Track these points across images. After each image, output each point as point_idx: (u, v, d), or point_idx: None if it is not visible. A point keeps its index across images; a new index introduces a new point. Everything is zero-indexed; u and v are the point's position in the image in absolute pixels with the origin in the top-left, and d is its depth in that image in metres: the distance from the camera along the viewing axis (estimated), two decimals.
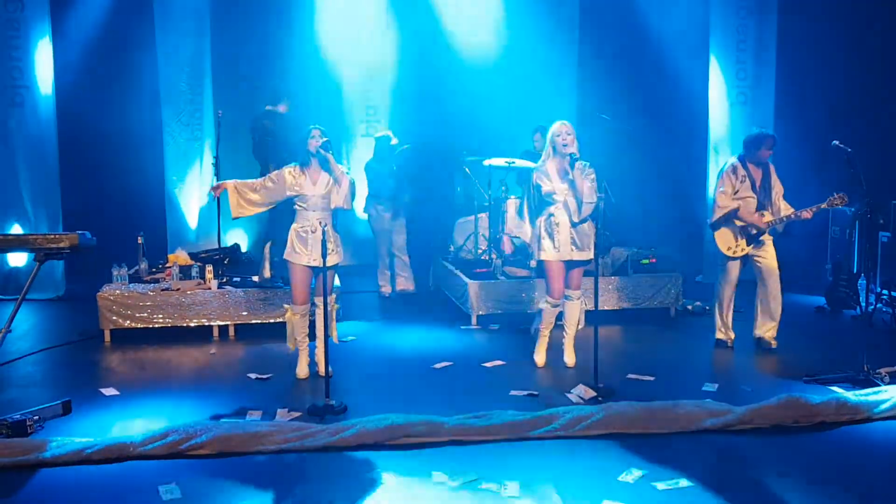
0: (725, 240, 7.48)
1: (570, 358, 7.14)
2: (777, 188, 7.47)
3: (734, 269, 7.56)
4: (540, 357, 7.17)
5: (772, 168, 7.50)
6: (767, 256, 7.47)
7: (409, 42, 12.20)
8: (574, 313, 7.11)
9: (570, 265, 6.95)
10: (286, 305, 6.89)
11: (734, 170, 7.41)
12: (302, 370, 6.88)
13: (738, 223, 7.41)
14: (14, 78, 9.82)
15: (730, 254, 7.47)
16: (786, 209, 7.40)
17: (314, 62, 11.87)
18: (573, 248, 6.86)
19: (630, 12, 12.03)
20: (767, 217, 7.36)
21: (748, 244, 7.43)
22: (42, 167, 10.01)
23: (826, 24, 11.15)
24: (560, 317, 7.13)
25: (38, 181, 9.99)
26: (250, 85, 11.40)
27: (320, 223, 6.50)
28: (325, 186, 6.63)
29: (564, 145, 6.76)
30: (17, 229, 9.84)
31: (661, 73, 12.01)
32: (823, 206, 7.18)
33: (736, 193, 7.36)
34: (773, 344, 7.55)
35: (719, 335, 7.78)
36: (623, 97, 11.74)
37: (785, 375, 6.86)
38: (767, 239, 7.47)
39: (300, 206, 6.68)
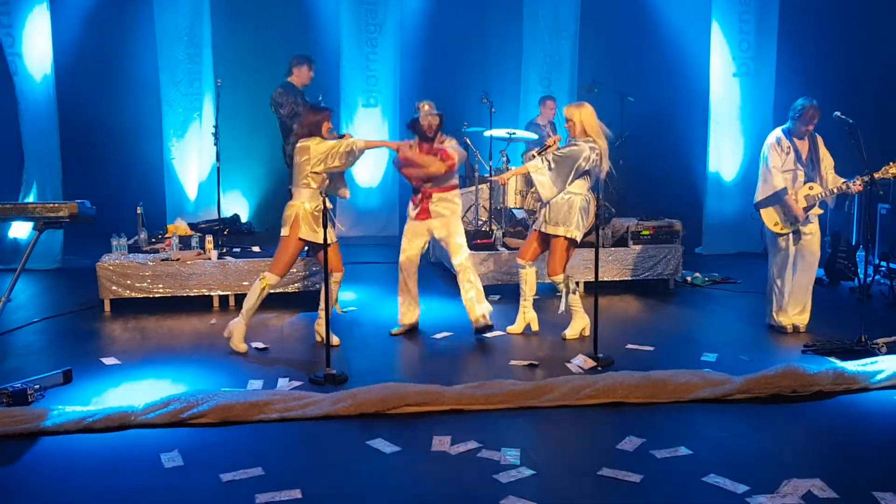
0: (772, 217, 7.14)
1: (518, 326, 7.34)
2: (826, 160, 7.11)
3: (788, 246, 7.17)
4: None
5: (820, 140, 7.16)
6: (811, 237, 7.15)
7: (411, 9, 12.17)
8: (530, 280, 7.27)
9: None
10: (265, 273, 6.80)
11: (778, 142, 7.09)
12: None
13: (782, 207, 7.08)
14: (7, 45, 9.74)
15: (778, 230, 7.13)
16: (834, 182, 7.05)
17: (313, 28, 11.84)
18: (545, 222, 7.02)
19: None
20: (816, 189, 7.03)
21: (797, 220, 7.09)
22: (41, 137, 9.95)
23: None
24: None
25: (38, 151, 9.93)
26: (251, 54, 11.36)
27: (324, 201, 6.59)
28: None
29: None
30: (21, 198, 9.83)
31: (662, 43, 11.96)
32: (877, 175, 6.80)
33: (783, 166, 7.06)
34: (803, 328, 7.25)
35: (771, 321, 7.35)
36: (624, 67, 11.70)
37: (783, 346, 6.90)
38: (814, 217, 7.13)
39: (316, 184, 6.67)
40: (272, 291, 6.89)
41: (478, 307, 7.08)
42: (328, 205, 6.61)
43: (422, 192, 7.07)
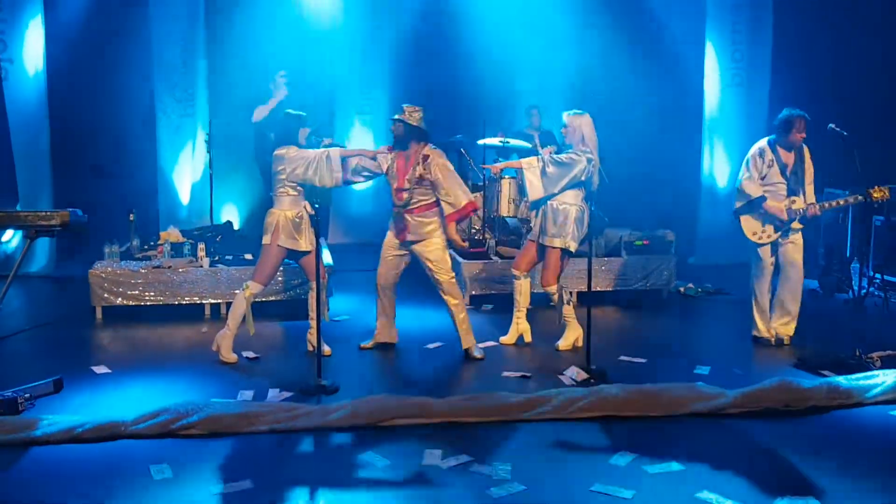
0: (750, 226, 7.16)
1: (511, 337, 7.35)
2: (809, 173, 7.09)
3: (766, 256, 7.17)
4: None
5: (807, 151, 7.12)
6: (793, 247, 7.14)
7: (405, 22, 12.18)
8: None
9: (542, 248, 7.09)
10: (248, 282, 6.74)
11: (761, 153, 7.10)
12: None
13: (762, 216, 7.10)
14: (0, 51, 9.67)
15: (755, 240, 7.15)
16: (809, 197, 7.07)
17: (310, 38, 11.85)
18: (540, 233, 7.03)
19: None
20: (798, 203, 7.04)
21: (776, 231, 7.11)
22: (32, 143, 9.84)
23: (823, 5, 11.10)
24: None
25: (29, 157, 9.84)
26: (246, 60, 11.34)
27: (305, 208, 6.61)
28: None
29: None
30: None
31: (656, 53, 11.96)
32: (851, 200, 6.97)
33: (763, 179, 7.07)
34: (787, 341, 7.23)
35: (755, 332, 7.33)
36: (618, 78, 11.70)
37: (777, 359, 6.88)
38: (797, 227, 7.11)
39: (296, 191, 6.64)
40: (256, 300, 6.83)
41: (465, 335, 6.90)
42: (310, 210, 6.62)
43: (398, 211, 6.80)
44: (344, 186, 6.87)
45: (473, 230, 9.72)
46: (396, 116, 6.72)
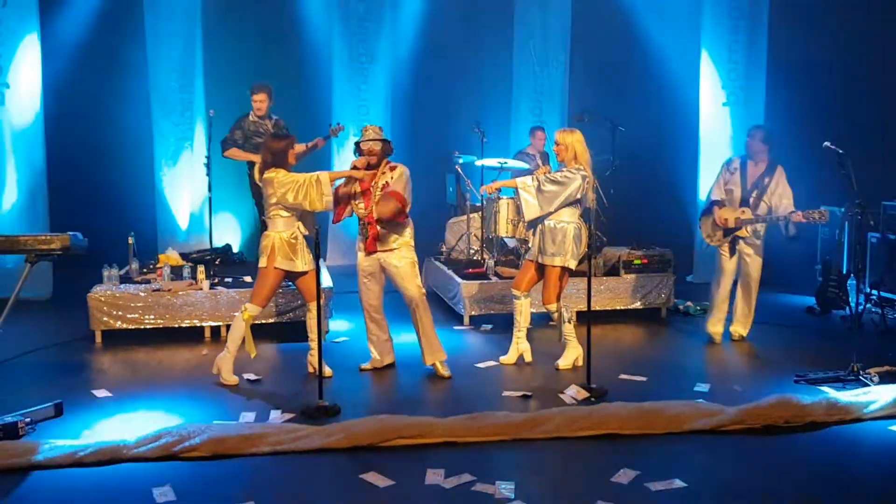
0: (705, 228, 7.78)
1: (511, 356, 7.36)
2: (780, 191, 7.49)
3: (727, 263, 7.72)
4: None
5: (780, 171, 7.54)
6: (752, 261, 7.69)
7: (402, 39, 12.25)
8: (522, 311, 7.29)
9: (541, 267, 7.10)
10: (246, 305, 6.75)
11: (728, 162, 7.79)
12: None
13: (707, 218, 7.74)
14: None
15: (708, 242, 7.75)
16: (785, 209, 7.43)
17: (305, 58, 11.93)
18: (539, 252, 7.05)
19: (622, 11, 12.07)
20: (747, 214, 7.51)
21: (724, 236, 7.64)
22: (29, 167, 9.85)
23: (817, 25, 11.19)
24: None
25: (25, 181, 9.85)
26: (242, 83, 11.39)
27: (299, 228, 6.69)
28: None
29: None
30: None
31: (652, 72, 12.04)
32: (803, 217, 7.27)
33: (726, 185, 7.66)
34: (737, 336, 7.91)
35: (707, 329, 7.94)
36: (614, 97, 11.76)
37: (776, 375, 6.89)
38: (756, 243, 7.61)
39: (289, 212, 6.67)
40: (256, 321, 6.84)
41: (428, 354, 6.92)
42: (303, 231, 6.64)
43: (367, 221, 6.78)
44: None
45: (472, 250, 9.75)
46: (372, 138, 6.72)
